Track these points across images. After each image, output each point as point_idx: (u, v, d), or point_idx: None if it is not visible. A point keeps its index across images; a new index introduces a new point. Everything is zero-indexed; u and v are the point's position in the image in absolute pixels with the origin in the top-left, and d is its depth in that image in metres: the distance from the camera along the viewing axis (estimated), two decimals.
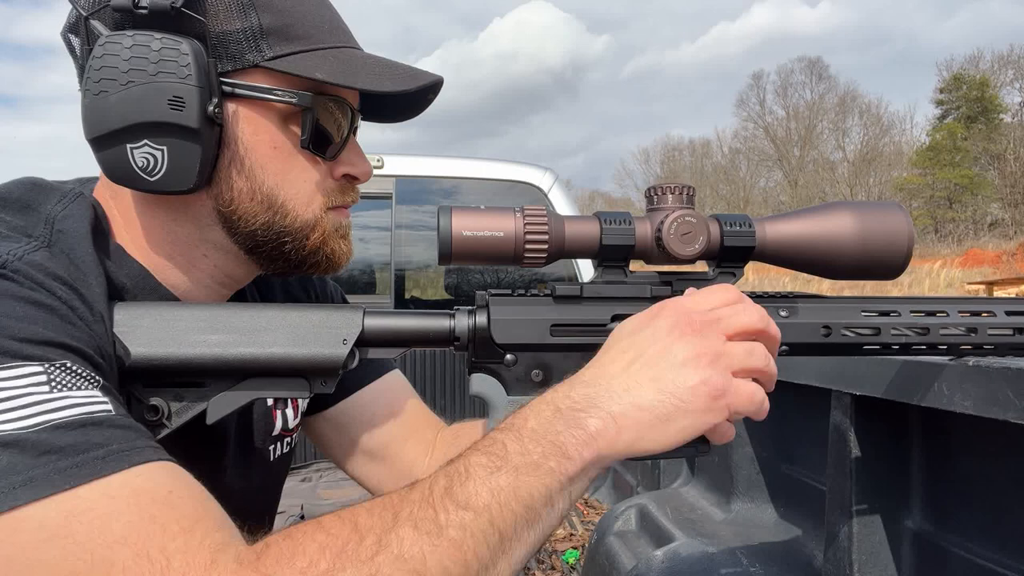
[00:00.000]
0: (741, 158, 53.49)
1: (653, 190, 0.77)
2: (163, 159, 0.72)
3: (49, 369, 0.59)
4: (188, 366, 0.72)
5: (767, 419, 0.67)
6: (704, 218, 0.74)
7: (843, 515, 1.01)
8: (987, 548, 0.89)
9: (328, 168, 0.82)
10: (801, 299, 0.80)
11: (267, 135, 0.77)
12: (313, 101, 0.76)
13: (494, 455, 0.60)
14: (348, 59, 0.79)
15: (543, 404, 0.63)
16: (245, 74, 0.75)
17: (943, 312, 0.79)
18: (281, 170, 0.78)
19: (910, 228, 0.76)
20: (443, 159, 3.40)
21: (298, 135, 0.78)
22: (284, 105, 0.76)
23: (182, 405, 0.73)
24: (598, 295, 0.76)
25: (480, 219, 0.72)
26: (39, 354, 0.59)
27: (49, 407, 0.57)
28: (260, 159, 0.77)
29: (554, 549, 2.28)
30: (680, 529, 1.38)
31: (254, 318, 0.74)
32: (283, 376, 0.74)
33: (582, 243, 0.74)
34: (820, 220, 0.76)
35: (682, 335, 0.64)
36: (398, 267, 3.42)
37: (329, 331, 0.74)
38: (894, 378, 0.92)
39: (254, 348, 0.72)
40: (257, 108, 0.76)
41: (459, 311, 0.76)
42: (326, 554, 0.55)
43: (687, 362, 0.63)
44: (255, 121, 0.76)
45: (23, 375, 0.58)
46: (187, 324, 0.72)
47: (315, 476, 2.42)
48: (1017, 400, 0.73)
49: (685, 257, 0.74)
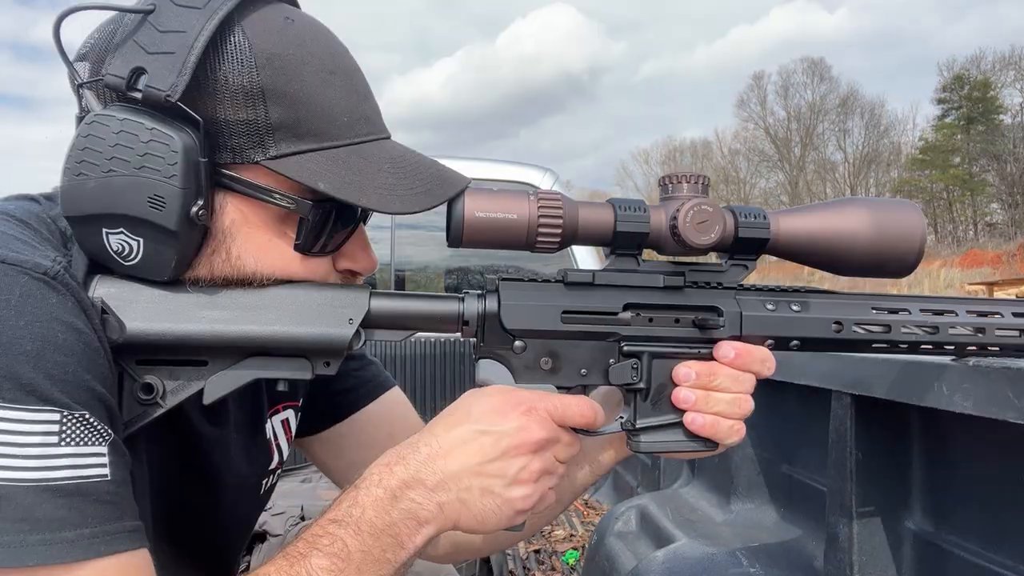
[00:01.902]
0: (741, 159, 53.52)
1: (668, 179, 0.76)
2: (139, 249, 0.68)
3: (65, 419, 0.59)
4: (186, 342, 0.69)
5: (767, 419, 0.67)
6: (720, 208, 0.73)
7: (843, 515, 1.01)
8: (987, 548, 0.89)
9: (328, 262, 0.76)
10: (813, 294, 0.79)
11: (259, 231, 0.71)
12: (312, 210, 0.70)
13: (336, 557, 0.65)
14: (360, 166, 0.71)
15: (379, 488, 0.67)
16: (245, 169, 0.69)
17: (952, 312, 0.79)
18: (273, 265, 0.72)
19: (923, 226, 0.76)
20: (443, 159, 3.40)
21: (292, 238, 0.72)
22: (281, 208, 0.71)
23: (178, 384, 0.70)
24: (610, 283, 0.75)
25: (494, 201, 0.70)
26: (63, 400, 0.59)
27: (50, 464, 0.58)
28: (249, 251, 0.71)
29: (554, 550, 2.28)
30: (680, 530, 1.38)
31: (257, 295, 0.71)
32: (285, 356, 0.72)
33: (596, 230, 0.73)
34: (834, 215, 0.76)
35: (516, 455, 0.70)
36: (398, 267, 3.42)
37: (334, 310, 0.72)
38: (894, 378, 0.92)
39: (255, 326, 0.70)
40: (253, 205, 0.70)
41: (468, 294, 0.75)
42: None
43: (515, 481, 0.70)
44: (247, 216, 0.71)
45: (39, 420, 0.58)
46: (187, 299, 0.70)
47: (315, 476, 2.41)
48: (1017, 400, 0.73)
49: (700, 246, 0.73)
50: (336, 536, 0.65)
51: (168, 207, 0.65)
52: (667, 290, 0.76)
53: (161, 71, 0.64)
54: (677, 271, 0.77)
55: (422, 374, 3.12)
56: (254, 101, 0.67)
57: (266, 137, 0.68)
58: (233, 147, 0.68)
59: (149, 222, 0.66)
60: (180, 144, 0.65)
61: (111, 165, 0.65)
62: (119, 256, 0.68)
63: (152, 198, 0.65)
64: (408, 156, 0.76)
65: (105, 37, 0.69)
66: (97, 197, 0.65)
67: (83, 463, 0.59)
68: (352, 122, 0.73)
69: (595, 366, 0.75)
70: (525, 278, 0.75)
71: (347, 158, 0.71)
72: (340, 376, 0.75)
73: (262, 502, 1.00)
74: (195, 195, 0.66)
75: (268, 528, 1.42)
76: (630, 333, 0.75)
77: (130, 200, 0.65)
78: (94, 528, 0.59)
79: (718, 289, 0.78)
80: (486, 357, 0.75)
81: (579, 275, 0.75)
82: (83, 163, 0.65)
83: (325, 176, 0.69)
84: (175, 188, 0.65)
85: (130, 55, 0.65)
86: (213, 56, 0.66)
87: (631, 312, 0.75)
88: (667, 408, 0.75)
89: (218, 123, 0.67)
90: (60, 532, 0.57)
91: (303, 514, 1.79)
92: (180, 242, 0.67)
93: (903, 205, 0.77)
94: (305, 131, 0.69)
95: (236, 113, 0.67)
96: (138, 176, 0.65)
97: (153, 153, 0.65)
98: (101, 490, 0.60)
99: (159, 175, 0.65)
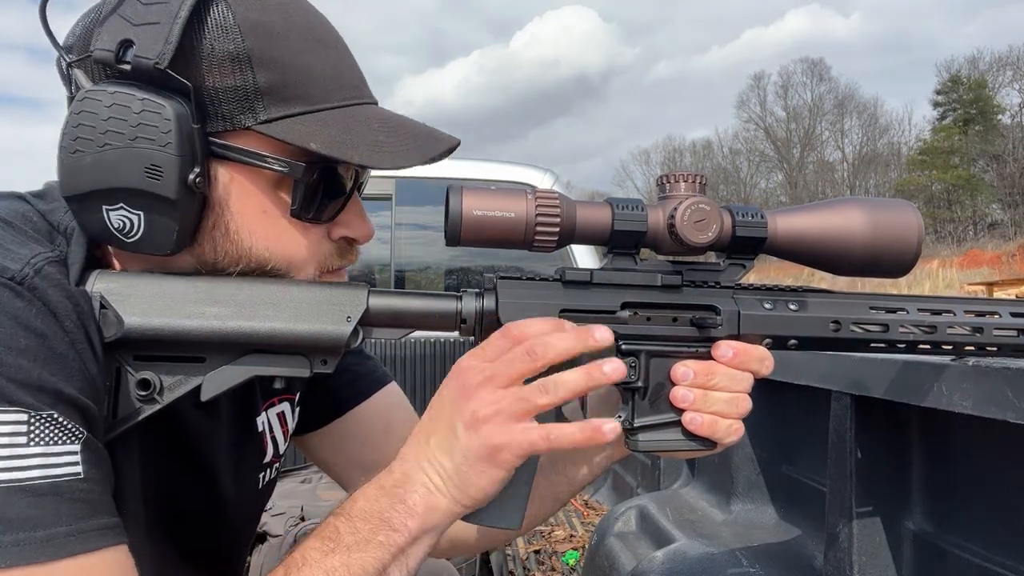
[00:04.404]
0: (742, 159, 53.53)
1: (665, 178, 0.76)
2: (140, 224, 0.68)
3: (33, 419, 0.59)
4: (184, 338, 0.69)
5: (767, 419, 0.68)
6: (717, 206, 0.73)
7: (843, 516, 1.01)
8: (987, 548, 0.89)
9: (324, 230, 0.77)
10: (810, 293, 0.79)
11: (255, 200, 0.72)
12: (306, 172, 0.71)
13: (327, 539, 0.67)
14: (349, 124, 0.72)
15: (369, 485, 0.70)
16: (236, 136, 0.70)
17: (950, 311, 0.79)
18: (270, 236, 0.73)
19: (920, 226, 0.76)
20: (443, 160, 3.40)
21: (288, 203, 0.73)
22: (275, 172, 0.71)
23: (175, 380, 0.70)
24: (608, 281, 0.76)
25: (492, 199, 0.70)
26: (28, 401, 0.59)
27: (19, 464, 0.57)
28: (248, 224, 0.72)
29: (554, 551, 2.28)
30: (680, 530, 1.38)
31: (255, 291, 0.71)
32: (283, 353, 0.72)
33: (593, 228, 0.73)
34: (832, 214, 0.76)
35: (458, 408, 0.68)
36: (398, 268, 3.42)
37: (333, 308, 0.72)
38: (894, 378, 0.92)
39: (254, 322, 0.70)
40: (246, 172, 0.71)
41: (466, 293, 0.75)
42: None
43: (468, 430, 0.67)
44: (243, 185, 0.71)
45: (4, 421, 0.57)
46: (185, 294, 0.70)
47: (315, 477, 2.41)
48: (1016, 400, 0.73)
49: (698, 244, 0.73)
50: (330, 524, 0.68)
51: (165, 176, 0.66)
52: (665, 289, 0.76)
53: (148, 41, 0.65)
54: (675, 270, 0.77)
55: (421, 374, 3.12)
56: (241, 67, 0.68)
57: (255, 102, 0.69)
58: (223, 114, 0.69)
59: (147, 193, 0.66)
60: (172, 112, 0.65)
61: (106, 139, 0.65)
62: (121, 233, 0.69)
63: (149, 168, 0.66)
64: (397, 117, 0.77)
65: (89, 20, 0.70)
66: (94, 173, 0.66)
67: (54, 462, 0.59)
68: (339, 86, 0.74)
69: None
70: (523, 276, 0.75)
71: (336, 119, 0.72)
72: (338, 372, 0.76)
73: (262, 497, 1.00)
74: (191, 162, 0.67)
75: (268, 529, 1.42)
76: (628, 332, 0.75)
77: (127, 172, 0.66)
78: (69, 526, 0.59)
79: (716, 288, 0.78)
80: None
81: (577, 274, 0.75)
82: (78, 140, 0.66)
83: (316, 136, 0.70)
84: (171, 156, 0.66)
85: (116, 28, 0.66)
86: (197, 25, 0.67)
87: (629, 311, 0.75)
88: (665, 407, 0.75)
89: (207, 91, 0.68)
90: (33, 532, 0.57)
91: (303, 514, 1.79)
92: (180, 211, 0.68)
93: (899, 204, 0.77)
94: (293, 95, 0.70)
95: (224, 80, 0.68)
96: (133, 147, 0.65)
97: (146, 123, 0.65)
98: (74, 488, 0.60)
99: (154, 144, 0.65)
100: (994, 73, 43.41)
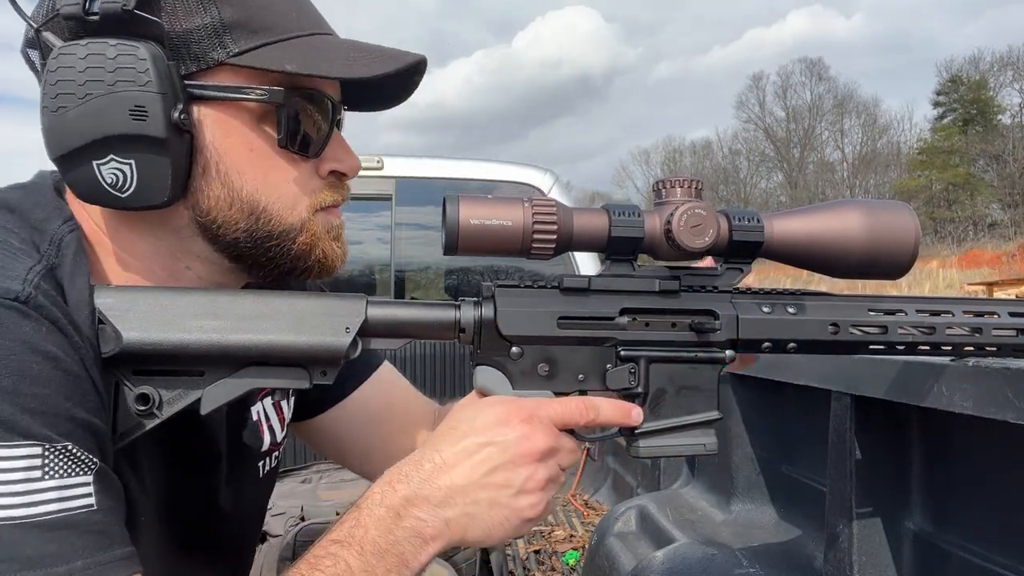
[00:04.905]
0: (741, 159, 53.52)
1: (661, 183, 0.76)
2: (132, 174, 0.68)
3: (48, 451, 0.58)
4: (183, 352, 0.69)
5: (767, 419, 0.68)
6: (713, 211, 0.74)
7: (843, 516, 1.01)
8: (987, 548, 0.89)
9: (312, 166, 0.78)
10: (808, 297, 0.79)
11: (241, 137, 0.73)
12: (286, 97, 0.72)
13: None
14: (320, 47, 0.74)
15: (382, 508, 0.67)
16: (211, 74, 0.70)
17: (948, 312, 0.79)
18: (260, 174, 0.73)
19: (917, 227, 0.76)
20: (443, 160, 3.40)
21: (274, 136, 0.74)
22: (256, 104, 0.72)
23: (174, 394, 0.70)
24: (606, 288, 0.76)
25: (488, 208, 0.71)
26: (43, 433, 0.58)
27: (34, 499, 0.57)
28: (236, 164, 0.72)
29: (554, 551, 2.28)
30: (680, 530, 1.38)
31: (254, 304, 0.71)
32: (282, 365, 0.72)
33: (590, 235, 0.73)
34: (828, 217, 0.76)
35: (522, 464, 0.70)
36: (398, 268, 3.42)
37: (331, 319, 0.72)
38: (894, 378, 0.92)
39: (253, 335, 0.70)
40: (227, 109, 0.72)
41: (464, 302, 0.75)
42: None
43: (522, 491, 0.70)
44: (226, 124, 0.72)
45: (21, 456, 0.57)
46: (183, 308, 0.69)
47: (315, 477, 2.41)
48: (1016, 400, 0.73)
49: (695, 250, 0.73)
50: (339, 557, 0.65)
51: (151, 115, 0.66)
52: (663, 294, 0.76)
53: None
54: (673, 275, 0.77)
55: (422, 375, 3.12)
56: (204, 4, 0.69)
57: (224, 36, 0.70)
58: (195, 54, 0.69)
59: (135, 136, 0.67)
60: (147, 52, 0.66)
61: (86, 90, 0.66)
62: (115, 189, 0.69)
63: (134, 109, 0.66)
64: (362, 42, 0.78)
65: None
66: (80, 126, 0.66)
67: (68, 495, 0.59)
68: (301, 16, 0.75)
69: (592, 371, 0.76)
70: (521, 284, 0.75)
71: (306, 44, 0.73)
72: None
73: (264, 487, 1.00)
74: (173, 100, 0.67)
75: (268, 528, 1.42)
76: (627, 338, 0.75)
77: (112, 118, 0.66)
78: (85, 559, 0.58)
79: (714, 293, 0.78)
80: (483, 364, 0.75)
81: (575, 281, 0.75)
82: (58, 97, 0.66)
83: (289, 59, 0.71)
84: (152, 94, 0.66)
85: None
86: None
87: (627, 317, 0.75)
88: (665, 412, 0.76)
89: (176, 33, 0.69)
90: (51, 568, 0.56)
91: (303, 515, 1.79)
92: (169, 153, 0.68)
93: (896, 206, 0.77)
94: (260, 27, 0.71)
95: (191, 19, 0.69)
96: (114, 91, 0.66)
97: (123, 66, 0.66)
98: (89, 520, 0.60)
99: (134, 85, 0.66)
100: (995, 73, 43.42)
